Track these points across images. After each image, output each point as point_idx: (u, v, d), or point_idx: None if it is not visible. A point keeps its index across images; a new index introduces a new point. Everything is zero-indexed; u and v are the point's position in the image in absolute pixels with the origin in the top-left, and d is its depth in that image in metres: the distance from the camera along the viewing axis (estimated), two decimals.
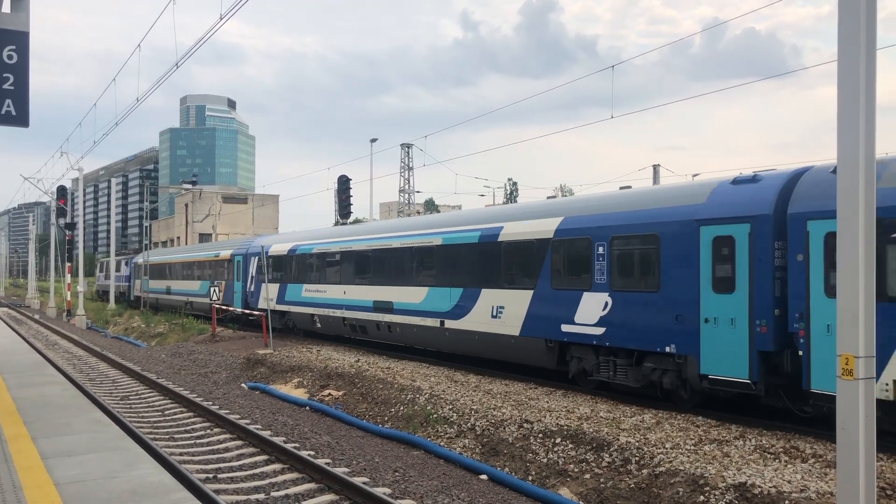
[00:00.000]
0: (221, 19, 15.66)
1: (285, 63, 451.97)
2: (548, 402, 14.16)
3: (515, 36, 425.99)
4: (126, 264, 55.54)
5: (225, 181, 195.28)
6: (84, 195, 59.03)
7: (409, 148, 63.13)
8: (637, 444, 10.67)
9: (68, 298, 50.80)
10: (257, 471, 10.95)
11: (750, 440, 10.93)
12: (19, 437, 8.48)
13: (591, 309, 14.58)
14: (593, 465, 10.52)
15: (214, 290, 30.48)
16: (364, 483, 9.96)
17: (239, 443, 12.70)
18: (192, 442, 12.95)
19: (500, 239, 17.09)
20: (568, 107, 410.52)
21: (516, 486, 10.37)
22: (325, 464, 10.89)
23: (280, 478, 10.55)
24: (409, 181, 64.15)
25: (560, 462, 10.88)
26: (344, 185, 36.95)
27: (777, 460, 9.90)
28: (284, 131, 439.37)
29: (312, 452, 11.86)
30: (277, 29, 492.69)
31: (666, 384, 13.35)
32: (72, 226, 51.97)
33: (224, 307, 31.86)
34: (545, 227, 15.91)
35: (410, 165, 63.76)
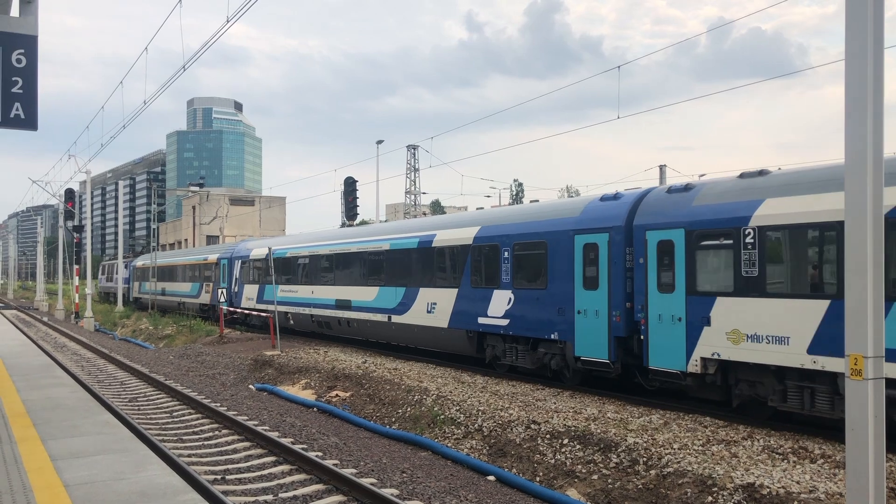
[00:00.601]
0: (228, 22, 15.70)
1: (290, 65, 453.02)
2: (555, 403, 14.15)
3: (520, 37, 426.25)
4: (126, 267, 57.45)
5: (232, 183, 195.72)
6: (92, 198, 59.26)
7: (415, 149, 63.18)
8: (645, 444, 10.65)
9: (76, 301, 50.99)
10: (265, 472, 10.97)
11: (758, 440, 10.90)
12: (29, 438, 8.52)
13: (499, 304, 17.30)
14: (601, 465, 10.51)
15: (222, 293, 30.83)
16: (372, 484, 9.96)
17: (247, 444, 12.73)
18: (201, 443, 12.98)
19: (433, 245, 19.81)
20: (573, 107, 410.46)
21: (524, 487, 10.36)
22: (333, 465, 10.90)
23: (288, 479, 10.57)
24: (415, 182, 64.21)
25: (568, 463, 10.87)
26: (350, 186, 36.99)
27: (785, 461, 9.87)
28: (290, 133, 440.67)
29: (320, 453, 11.88)
30: (282, 31, 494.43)
31: (553, 366, 16.10)
32: (79, 228, 52.14)
33: (232, 309, 32.33)
34: (466, 235, 18.64)
35: (416, 167, 63.82)
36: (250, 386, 19.79)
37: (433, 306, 19.55)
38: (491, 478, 10.90)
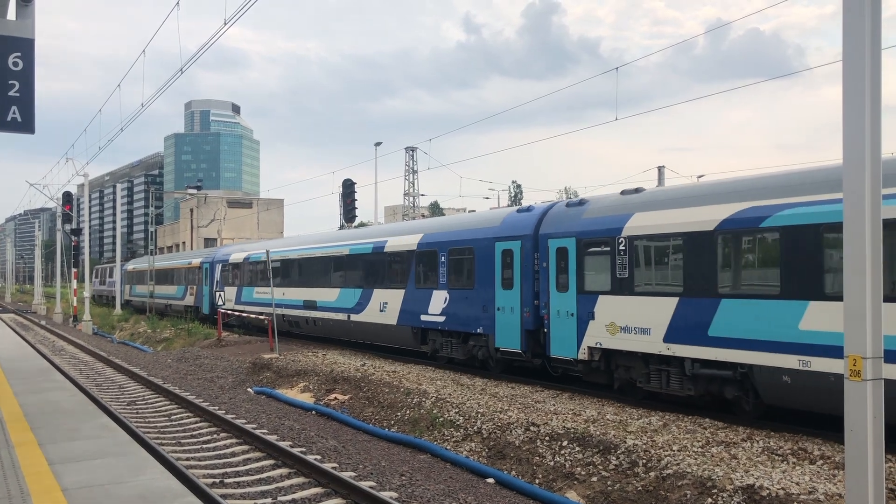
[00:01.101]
0: (225, 24, 15.70)
1: (288, 67, 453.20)
2: (554, 405, 14.14)
3: (518, 38, 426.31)
4: (120, 270, 58.77)
5: (230, 186, 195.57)
6: (89, 201, 59.37)
7: (413, 151, 63.22)
8: (644, 446, 10.64)
9: (74, 304, 50.92)
10: (264, 475, 10.94)
11: (757, 442, 10.89)
12: (26, 442, 8.49)
13: (438, 303, 19.56)
14: (600, 467, 10.49)
15: (220, 295, 30.79)
16: (371, 487, 9.95)
17: (245, 447, 12.70)
18: (199, 447, 12.95)
19: (385, 250, 22.17)
20: (572, 109, 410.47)
21: (523, 490, 10.35)
22: (332, 468, 10.88)
23: (287, 482, 10.55)
24: (413, 184, 64.23)
25: (567, 465, 10.85)
26: (349, 188, 36.94)
27: (785, 462, 9.87)
28: (289, 135, 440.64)
29: (319, 457, 11.85)
30: (280, 33, 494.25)
31: (480, 356, 18.48)
32: (77, 231, 52.09)
33: (228, 311, 32.47)
34: (412, 242, 20.91)
35: (415, 169, 63.86)
36: (248, 389, 19.77)
37: (385, 305, 21.87)
38: (490, 480, 10.89)
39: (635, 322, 13.95)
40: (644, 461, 10.18)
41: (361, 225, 54.89)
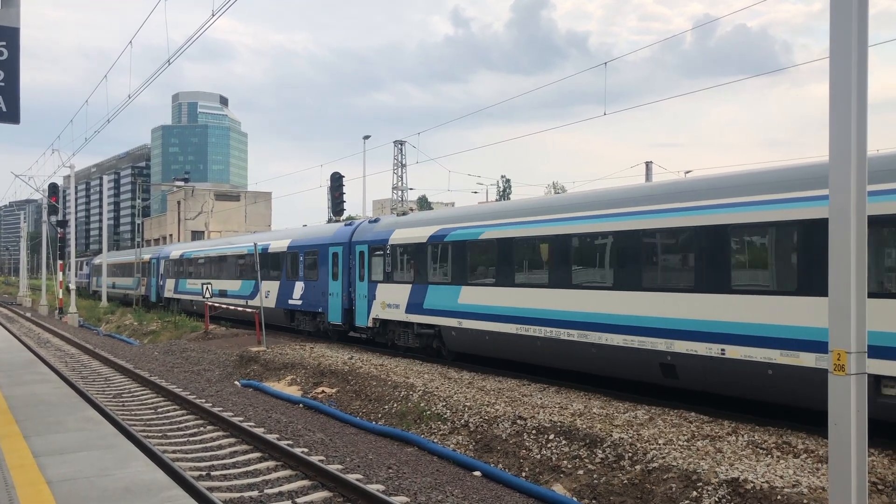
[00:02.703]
0: (213, 16, 15.60)
1: (276, 60, 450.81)
2: (541, 398, 14.18)
3: (506, 33, 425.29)
4: (87, 264, 65.61)
5: (217, 178, 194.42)
6: (76, 193, 59.05)
7: (402, 145, 63.07)
8: (630, 440, 10.70)
9: (60, 296, 50.60)
10: (251, 468, 10.93)
11: (742, 436, 10.97)
12: (11, 435, 8.44)
13: (298, 291, 26.68)
14: (587, 461, 10.55)
15: (207, 289, 30.95)
16: (358, 480, 9.96)
17: (232, 440, 12.68)
18: (186, 439, 12.92)
19: (269, 251, 29.06)
20: (561, 104, 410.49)
21: (510, 483, 10.39)
22: (319, 461, 10.88)
23: (274, 475, 10.54)
24: (402, 178, 64.12)
25: (553, 458, 10.90)
26: (337, 182, 36.82)
27: (769, 456, 9.94)
28: (276, 128, 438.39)
29: (306, 449, 11.85)
30: (268, 26, 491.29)
31: (321, 329, 25.57)
32: (63, 223, 51.72)
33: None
34: (284, 245, 28.20)
35: (403, 162, 63.71)
36: (236, 382, 19.72)
37: (268, 293, 28.59)
38: (477, 473, 10.92)
39: (393, 301, 20.84)
40: (630, 454, 10.24)
41: (350, 219, 55.05)
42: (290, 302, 27.01)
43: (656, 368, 13.15)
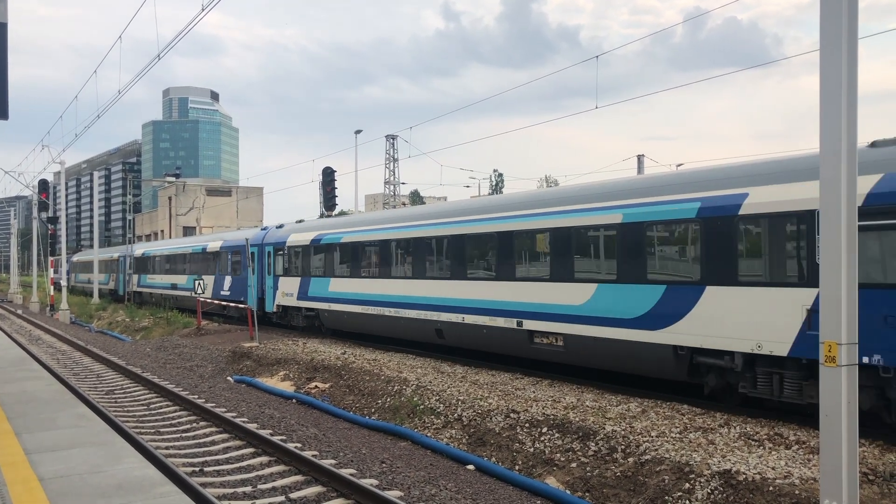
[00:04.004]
0: (203, 10, 15.52)
1: (267, 55, 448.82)
2: (534, 391, 14.21)
3: (497, 26, 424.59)
4: (66, 262, 69.07)
5: (209, 174, 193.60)
6: (66, 189, 58.88)
7: (394, 139, 62.95)
8: (623, 432, 10.73)
9: (51, 293, 50.38)
10: (244, 464, 10.92)
11: (734, 427, 11.02)
12: (3, 433, 8.41)
13: (228, 284, 32.03)
14: (580, 454, 10.57)
15: (199, 284, 31.30)
16: (351, 475, 9.96)
17: (225, 436, 12.66)
18: (178, 435, 12.89)
19: (206, 251, 34.88)
20: (552, 97, 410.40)
21: (503, 476, 10.41)
22: (312, 456, 10.88)
23: (267, 470, 10.53)
24: (394, 173, 64.02)
25: (546, 451, 10.93)
26: (328, 177, 36.78)
27: (761, 447, 9.99)
28: (268, 123, 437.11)
29: (299, 445, 11.84)
30: (258, 20, 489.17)
31: (244, 315, 28.43)
32: (54, 220, 51.48)
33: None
34: (217, 246, 33.68)
35: (395, 157, 63.61)
36: (228, 378, 19.69)
37: (206, 286, 32.20)
38: (470, 467, 10.94)
39: (289, 290, 26.22)
40: (623, 447, 10.27)
41: (342, 213, 55.03)
42: (222, 293, 32.25)
43: (433, 332, 18.79)
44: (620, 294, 13.60)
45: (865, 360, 9.72)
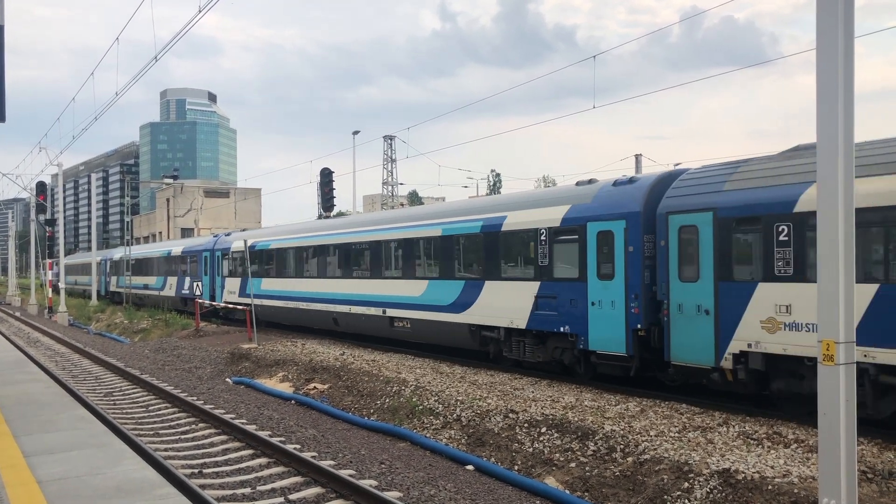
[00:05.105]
0: (200, 12, 15.52)
1: (264, 56, 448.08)
2: (533, 391, 14.21)
3: (494, 26, 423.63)
4: (56, 264, 69.20)
5: (206, 175, 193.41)
6: (64, 191, 58.98)
7: (391, 140, 62.99)
8: (622, 432, 10.74)
9: (49, 295, 50.33)
10: (243, 465, 10.92)
11: (733, 427, 11.03)
12: (1, 434, 8.40)
13: (186, 283, 35.85)
14: (579, 453, 10.58)
15: (197, 286, 31.83)
16: (350, 476, 9.96)
17: (224, 437, 12.66)
18: (177, 437, 12.89)
19: (171, 254, 38.79)
20: (550, 97, 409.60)
21: (502, 476, 10.41)
22: (311, 457, 10.88)
23: (266, 472, 10.53)
24: (392, 173, 64.06)
25: (546, 451, 10.93)
26: (326, 178, 36.76)
27: (760, 446, 10.00)
28: (265, 124, 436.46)
29: (298, 446, 11.84)
30: (255, 21, 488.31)
31: (210, 312, 33.16)
32: (52, 222, 51.49)
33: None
34: (179, 249, 37.71)
35: (393, 157, 63.65)
36: (227, 379, 19.68)
37: (171, 286, 38.13)
38: (469, 467, 10.94)
39: (232, 289, 30.37)
40: (622, 447, 10.27)
41: (340, 214, 55.14)
42: (183, 292, 36.75)
43: (332, 320, 23.56)
44: (441, 288, 18.48)
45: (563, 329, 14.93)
